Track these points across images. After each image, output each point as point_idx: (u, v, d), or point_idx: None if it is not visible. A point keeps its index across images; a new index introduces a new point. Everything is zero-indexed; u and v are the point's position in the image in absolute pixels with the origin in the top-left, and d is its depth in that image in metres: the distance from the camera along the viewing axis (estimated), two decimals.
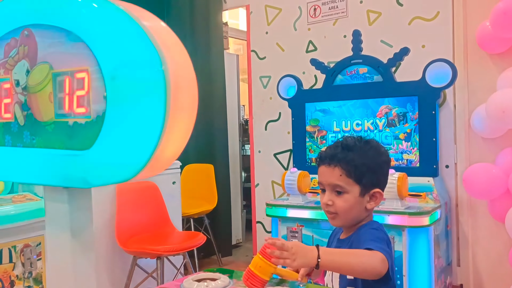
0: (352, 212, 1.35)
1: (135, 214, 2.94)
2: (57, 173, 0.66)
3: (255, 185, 4.15)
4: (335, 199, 1.34)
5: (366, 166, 1.33)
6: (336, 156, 1.34)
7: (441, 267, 2.93)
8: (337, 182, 1.33)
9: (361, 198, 1.34)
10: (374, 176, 1.35)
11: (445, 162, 3.24)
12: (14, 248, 2.62)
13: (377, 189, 1.36)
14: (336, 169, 1.33)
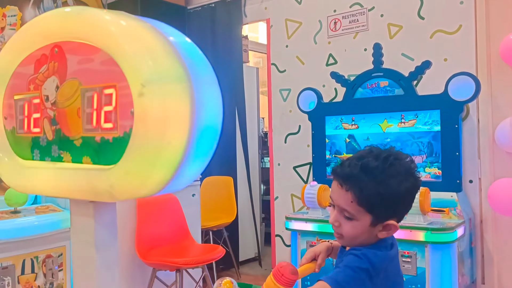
0: (359, 238, 1.20)
1: (155, 227, 2.95)
2: (83, 187, 0.67)
3: (275, 198, 4.13)
4: (342, 222, 1.20)
5: (381, 197, 1.14)
6: (350, 179, 1.17)
7: (465, 285, 2.86)
8: (346, 208, 1.18)
9: (371, 228, 1.18)
10: (391, 207, 1.18)
11: (469, 177, 3.18)
12: (37, 259, 2.66)
13: (392, 221, 1.19)
14: (348, 194, 1.16)
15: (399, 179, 1.16)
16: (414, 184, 1.19)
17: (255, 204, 4.79)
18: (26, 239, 2.58)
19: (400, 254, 2.73)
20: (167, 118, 0.59)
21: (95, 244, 0.72)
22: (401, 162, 1.19)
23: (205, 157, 0.66)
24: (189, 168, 0.63)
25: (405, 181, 1.17)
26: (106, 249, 0.73)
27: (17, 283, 2.55)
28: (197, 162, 0.65)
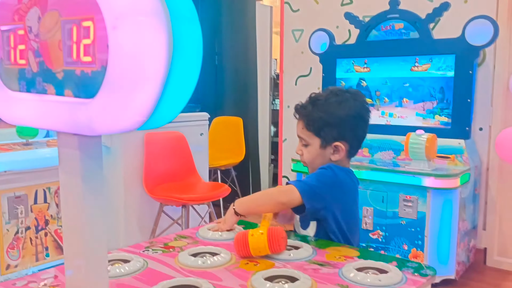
0: (316, 162, 1.42)
1: (163, 163, 3.01)
2: (66, 120, 0.68)
3: (283, 140, 4.16)
4: (303, 150, 1.44)
5: (323, 120, 1.38)
6: (299, 110, 1.43)
7: (465, 230, 2.91)
8: (300, 135, 1.43)
9: (322, 150, 1.40)
10: (335, 129, 1.38)
11: (479, 124, 3.14)
12: (49, 190, 2.76)
13: (340, 142, 1.39)
14: (300, 122, 1.43)
15: (340, 106, 1.38)
16: (355, 111, 1.40)
17: (264, 145, 4.84)
18: (38, 171, 2.66)
19: (402, 198, 2.77)
20: (143, 52, 0.58)
21: (81, 175, 0.74)
22: (346, 94, 1.41)
23: (185, 94, 0.67)
24: (167, 104, 0.64)
25: (346, 108, 1.38)
26: (92, 180, 0.75)
27: (30, 211, 2.66)
28: (176, 98, 0.65)
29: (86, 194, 0.75)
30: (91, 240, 0.77)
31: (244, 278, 1.03)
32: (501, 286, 2.86)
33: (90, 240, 0.77)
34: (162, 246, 1.26)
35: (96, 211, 0.77)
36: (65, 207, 0.79)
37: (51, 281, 1.04)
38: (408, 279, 1.04)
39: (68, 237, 0.80)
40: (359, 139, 1.45)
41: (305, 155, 1.44)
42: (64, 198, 0.78)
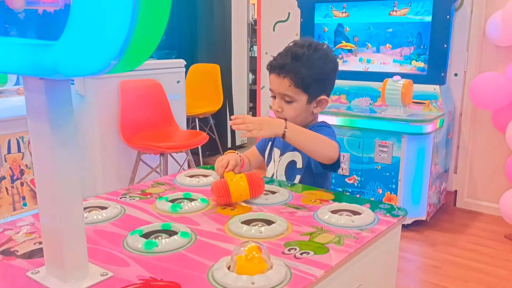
0: (300, 117, 1.41)
1: (139, 112, 2.97)
2: (31, 63, 0.65)
3: (261, 87, 4.12)
4: (284, 107, 1.40)
5: (313, 77, 1.36)
6: (285, 67, 1.35)
7: (437, 173, 3.00)
8: (286, 92, 1.38)
9: (308, 105, 1.40)
10: (321, 84, 1.40)
11: (454, 70, 3.16)
12: (22, 139, 2.70)
13: (324, 95, 1.42)
14: (285, 80, 1.36)
15: (324, 60, 1.39)
16: (334, 64, 1.44)
17: (243, 92, 4.80)
18: (9, 120, 2.60)
19: (378, 144, 2.82)
20: None
21: (49, 121, 0.72)
22: (322, 48, 1.40)
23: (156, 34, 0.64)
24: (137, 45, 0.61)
25: (328, 62, 1.40)
26: (62, 126, 0.73)
27: (4, 161, 2.62)
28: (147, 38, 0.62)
29: (56, 141, 0.73)
30: (63, 187, 0.76)
31: (221, 222, 1.05)
32: (469, 226, 3.00)
33: (63, 187, 0.76)
34: (140, 193, 1.27)
35: (67, 158, 0.76)
36: (35, 154, 0.77)
37: (27, 228, 1.04)
38: (380, 219, 1.07)
39: (40, 185, 0.79)
40: (333, 87, 1.47)
41: (288, 111, 1.40)
42: (34, 145, 0.76)
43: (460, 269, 2.44)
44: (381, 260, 1.07)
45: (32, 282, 0.80)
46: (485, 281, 2.31)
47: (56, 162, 0.74)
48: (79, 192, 0.80)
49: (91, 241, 0.95)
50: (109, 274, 0.82)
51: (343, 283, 0.92)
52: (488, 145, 3.14)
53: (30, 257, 0.90)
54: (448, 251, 2.64)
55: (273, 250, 0.91)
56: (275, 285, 0.78)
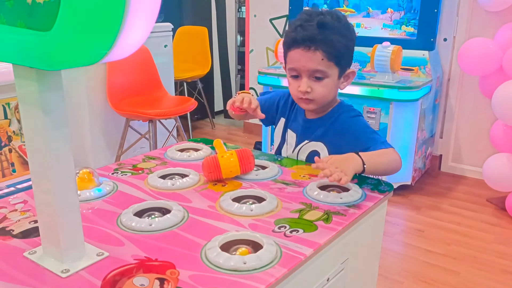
0: (330, 95, 1.29)
1: (127, 77, 2.93)
2: (21, 52, 0.65)
3: (250, 51, 4.08)
4: (314, 85, 1.25)
5: (346, 47, 1.24)
6: (315, 38, 1.20)
7: (423, 138, 3.05)
8: (318, 67, 1.22)
9: (338, 80, 1.29)
10: (351, 55, 1.29)
11: (444, 35, 3.15)
12: (8, 105, 2.67)
13: (351, 69, 1.31)
14: (317, 53, 1.20)
15: (351, 29, 1.27)
16: (355, 35, 1.30)
17: (231, 55, 4.74)
18: None
19: (366, 110, 2.84)
20: None
21: (42, 107, 0.72)
22: (343, 17, 1.26)
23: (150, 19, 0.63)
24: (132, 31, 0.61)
25: (353, 32, 1.29)
26: (53, 111, 0.73)
27: None
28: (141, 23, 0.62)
29: (48, 126, 0.73)
30: (57, 169, 0.77)
31: (213, 199, 1.07)
32: (453, 190, 3.08)
33: (56, 169, 0.77)
34: (131, 168, 1.28)
35: (60, 141, 0.76)
36: (28, 138, 0.78)
37: (21, 206, 1.05)
38: (368, 195, 1.10)
39: (34, 167, 0.79)
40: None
41: (319, 90, 1.25)
42: (26, 129, 0.77)
43: (443, 232, 2.53)
44: (368, 234, 1.11)
45: (29, 263, 0.83)
46: (466, 244, 2.40)
47: (49, 147, 0.75)
48: (72, 172, 0.81)
49: (85, 219, 0.97)
50: (105, 254, 0.84)
51: (331, 259, 0.96)
52: (474, 111, 3.18)
53: (26, 237, 0.91)
54: (432, 214, 2.72)
55: (263, 228, 0.94)
56: (266, 264, 0.81)
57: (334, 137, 1.31)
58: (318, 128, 1.35)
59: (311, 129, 1.36)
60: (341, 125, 1.31)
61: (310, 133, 1.35)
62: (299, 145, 1.38)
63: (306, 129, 1.36)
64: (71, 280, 0.78)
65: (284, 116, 1.44)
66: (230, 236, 0.89)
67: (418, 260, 2.26)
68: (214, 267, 0.80)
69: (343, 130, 1.30)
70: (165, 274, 0.79)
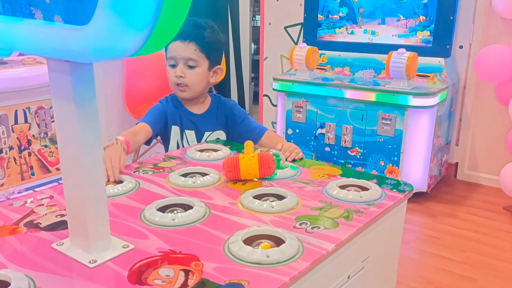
0: (201, 85, 1.54)
1: (144, 82, 2.98)
2: (57, 47, 0.67)
3: (264, 58, 4.11)
4: (187, 72, 1.51)
5: (215, 44, 1.52)
6: (191, 33, 1.49)
7: (439, 146, 3.03)
8: (191, 56, 1.49)
9: (208, 72, 1.54)
10: (219, 53, 1.57)
11: (460, 42, 3.15)
12: (29, 109, 2.73)
13: (219, 66, 1.57)
14: (190, 45, 1.48)
15: (220, 32, 1.57)
16: (224, 39, 1.61)
17: (245, 62, 4.78)
18: (16, 90, 2.61)
19: (381, 117, 2.84)
20: None
21: (74, 100, 0.74)
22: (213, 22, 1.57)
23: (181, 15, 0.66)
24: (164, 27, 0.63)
25: (222, 34, 1.58)
26: (85, 104, 0.76)
27: (12, 132, 2.65)
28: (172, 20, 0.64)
29: (81, 119, 0.76)
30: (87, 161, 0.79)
31: (234, 197, 1.09)
32: (469, 197, 3.06)
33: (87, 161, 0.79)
34: (152, 166, 1.30)
35: (91, 133, 0.79)
36: (60, 130, 0.80)
37: (47, 201, 1.08)
38: (387, 195, 1.11)
39: (65, 159, 0.82)
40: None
41: (191, 76, 1.51)
42: (58, 122, 0.79)
43: (459, 239, 2.50)
44: (388, 233, 1.12)
45: (57, 253, 0.85)
46: (482, 251, 2.38)
47: (80, 139, 0.77)
48: (101, 165, 0.83)
49: (110, 214, 0.99)
50: (130, 246, 0.86)
51: (352, 256, 0.97)
52: (490, 118, 3.16)
53: (53, 229, 0.94)
54: (448, 222, 2.70)
55: (285, 224, 0.95)
56: (288, 258, 0.82)
57: (227, 124, 1.62)
58: (211, 119, 1.61)
59: (205, 121, 1.60)
60: (229, 113, 1.61)
61: (207, 125, 1.59)
62: (203, 138, 1.60)
63: (201, 123, 1.60)
64: (98, 270, 0.80)
65: (176, 124, 1.61)
66: (253, 230, 0.90)
67: (435, 267, 2.24)
68: (238, 260, 0.82)
69: (232, 117, 1.61)
70: (190, 266, 0.80)
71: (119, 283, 0.76)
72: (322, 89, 3.01)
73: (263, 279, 0.77)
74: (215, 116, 1.62)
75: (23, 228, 0.94)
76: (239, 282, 0.76)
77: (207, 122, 1.60)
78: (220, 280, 0.76)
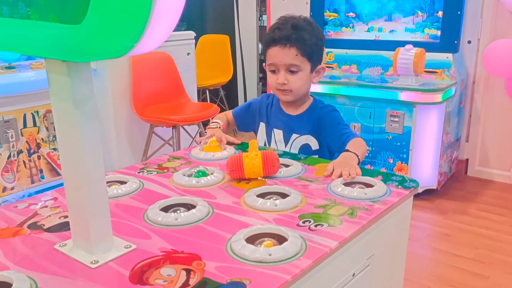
0: (304, 88, 1.49)
1: (151, 84, 2.99)
2: (52, 46, 0.67)
3: None
4: (290, 78, 1.45)
5: (316, 45, 1.44)
6: (290, 37, 1.41)
7: (448, 142, 3.00)
8: (293, 62, 1.42)
9: (311, 74, 1.48)
10: (321, 53, 1.49)
11: (468, 37, 3.11)
12: (37, 113, 2.75)
13: (321, 65, 1.51)
14: (291, 50, 1.41)
15: (321, 30, 1.49)
16: (324, 36, 1.51)
17: (253, 63, 4.77)
18: (24, 94, 2.63)
19: (389, 114, 2.82)
20: None
21: (73, 101, 0.74)
22: (313, 20, 1.49)
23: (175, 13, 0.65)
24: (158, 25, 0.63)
25: (322, 33, 1.50)
26: (85, 104, 0.76)
27: (21, 135, 2.67)
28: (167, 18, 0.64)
29: (79, 120, 0.76)
30: (87, 161, 0.79)
31: (237, 196, 1.08)
32: (480, 194, 3.02)
33: (87, 161, 0.79)
34: (156, 167, 1.30)
35: (90, 134, 0.78)
36: (60, 132, 0.80)
37: (51, 203, 1.08)
38: (392, 191, 1.09)
39: (65, 160, 0.82)
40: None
41: (295, 82, 1.45)
42: (58, 123, 0.79)
43: (471, 236, 2.47)
44: (393, 230, 1.10)
45: (60, 255, 0.85)
46: (495, 248, 2.34)
47: (80, 139, 0.77)
48: (102, 165, 0.83)
49: (113, 214, 0.99)
50: (133, 247, 0.86)
51: (357, 253, 0.96)
52: (500, 113, 3.12)
53: (56, 231, 0.94)
54: (459, 219, 2.67)
55: (288, 222, 0.94)
56: (291, 256, 0.81)
57: (319, 129, 1.51)
58: (304, 123, 1.52)
59: (297, 124, 1.52)
60: (323, 118, 1.51)
61: (297, 128, 1.51)
62: (290, 140, 1.53)
63: (292, 124, 1.52)
64: (100, 270, 0.80)
65: (263, 121, 1.60)
66: (255, 229, 0.89)
67: (446, 264, 2.21)
68: (240, 259, 0.81)
69: (324, 122, 1.50)
70: (192, 265, 0.80)
71: (120, 283, 0.76)
72: (329, 88, 3.00)
73: (265, 277, 0.76)
74: (309, 119, 1.51)
75: (27, 229, 0.95)
76: (240, 281, 0.75)
77: (298, 124, 1.52)
78: (221, 279, 0.75)
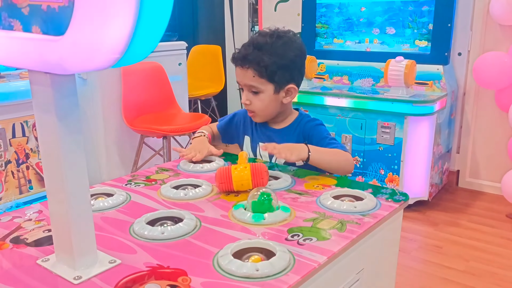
0: (269, 109, 1.40)
1: (141, 95, 2.97)
2: (35, 58, 0.66)
3: None
4: (252, 99, 1.39)
5: (276, 65, 1.33)
6: (247, 58, 1.34)
7: (439, 153, 3.01)
8: (251, 83, 1.36)
9: (276, 95, 1.38)
10: (287, 72, 1.36)
11: (458, 49, 3.14)
12: (26, 123, 2.72)
13: (292, 84, 1.39)
14: (248, 71, 1.34)
15: (287, 47, 1.35)
16: (301, 51, 1.39)
17: None
18: (13, 104, 2.61)
19: (380, 125, 2.82)
20: None
21: (56, 113, 0.73)
22: (286, 35, 1.37)
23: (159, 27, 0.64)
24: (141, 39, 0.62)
25: (293, 49, 1.36)
26: (68, 117, 0.74)
27: (9, 145, 2.64)
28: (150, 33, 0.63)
29: (63, 132, 0.74)
30: (71, 175, 0.77)
31: (225, 209, 1.07)
32: (471, 205, 3.02)
33: (70, 175, 0.77)
34: (144, 179, 1.28)
35: (74, 147, 0.77)
36: (43, 144, 0.79)
37: (35, 216, 1.06)
38: (382, 205, 1.09)
39: (48, 173, 0.80)
40: (302, 76, 1.46)
41: (256, 103, 1.38)
42: (41, 136, 0.78)
43: (462, 248, 2.47)
44: (383, 244, 1.09)
45: (42, 270, 0.83)
46: (485, 260, 2.34)
47: (63, 152, 0.76)
48: (86, 179, 0.81)
49: (99, 228, 0.97)
50: (117, 262, 0.84)
51: (346, 268, 0.94)
52: (491, 125, 3.14)
53: (40, 245, 0.92)
54: (450, 230, 2.66)
55: (276, 236, 0.93)
56: (279, 271, 0.80)
57: (303, 142, 1.40)
58: (288, 137, 1.44)
59: (281, 138, 1.43)
60: (308, 132, 1.44)
61: (281, 142, 1.41)
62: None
63: (276, 139, 1.43)
64: (83, 286, 0.78)
65: (248, 134, 1.53)
66: (243, 244, 0.88)
67: (437, 276, 2.20)
68: (227, 274, 0.80)
69: (310, 136, 1.43)
70: (177, 281, 0.78)
71: None
72: (321, 98, 3.00)
73: None
74: (293, 134, 1.46)
75: (9, 244, 0.92)
76: None
77: (282, 138, 1.44)
78: None
